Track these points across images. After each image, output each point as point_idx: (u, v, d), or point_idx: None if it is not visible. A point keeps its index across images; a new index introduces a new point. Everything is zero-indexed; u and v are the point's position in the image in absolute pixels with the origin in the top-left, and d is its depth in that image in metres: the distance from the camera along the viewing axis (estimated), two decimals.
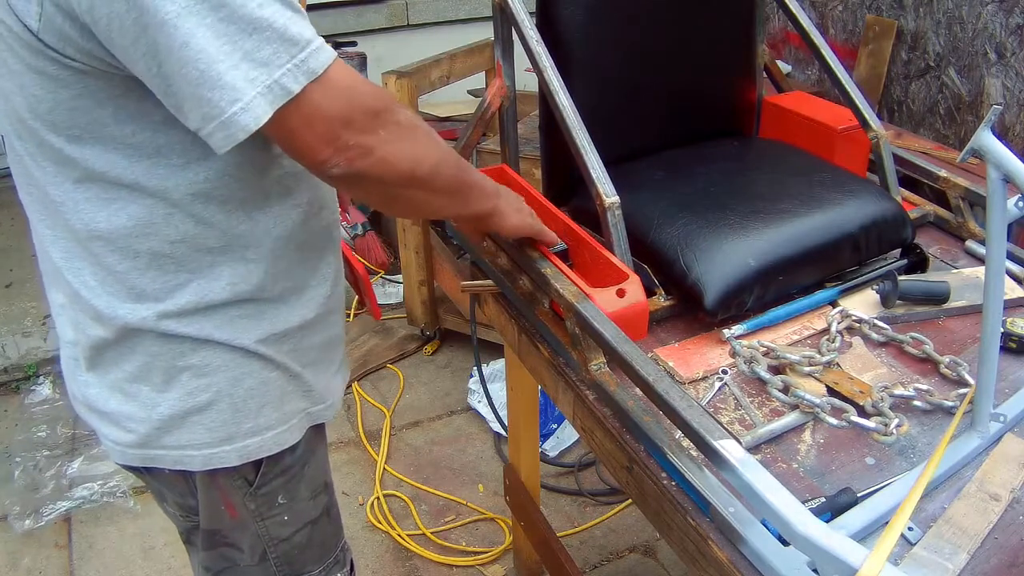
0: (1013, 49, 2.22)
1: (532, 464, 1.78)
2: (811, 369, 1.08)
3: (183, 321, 0.90)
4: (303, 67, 0.73)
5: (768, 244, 1.18)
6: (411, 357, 2.84)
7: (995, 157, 0.82)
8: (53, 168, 0.83)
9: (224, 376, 0.94)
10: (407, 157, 0.83)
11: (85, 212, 0.85)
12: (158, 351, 0.92)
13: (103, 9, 0.70)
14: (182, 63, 0.71)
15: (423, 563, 2.06)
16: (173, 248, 0.87)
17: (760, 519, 0.84)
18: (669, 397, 0.90)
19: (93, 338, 0.92)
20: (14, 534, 2.13)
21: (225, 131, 0.73)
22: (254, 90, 0.72)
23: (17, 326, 2.82)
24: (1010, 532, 0.87)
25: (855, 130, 1.43)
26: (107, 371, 0.94)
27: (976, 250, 1.36)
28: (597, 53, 1.37)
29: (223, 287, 0.90)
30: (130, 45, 0.72)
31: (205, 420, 0.95)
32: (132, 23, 0.70)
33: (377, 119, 0.80)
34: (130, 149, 0.82)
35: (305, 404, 1.03)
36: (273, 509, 1.04)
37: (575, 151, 1.19)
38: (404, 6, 3.71)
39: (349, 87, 0.77)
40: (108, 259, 0.87)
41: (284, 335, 0.97)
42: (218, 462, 0.97)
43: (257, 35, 0.71)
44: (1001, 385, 1.04)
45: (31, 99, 0.79)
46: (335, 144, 0.77)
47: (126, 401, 0.95)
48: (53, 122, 0.80)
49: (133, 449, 0.97)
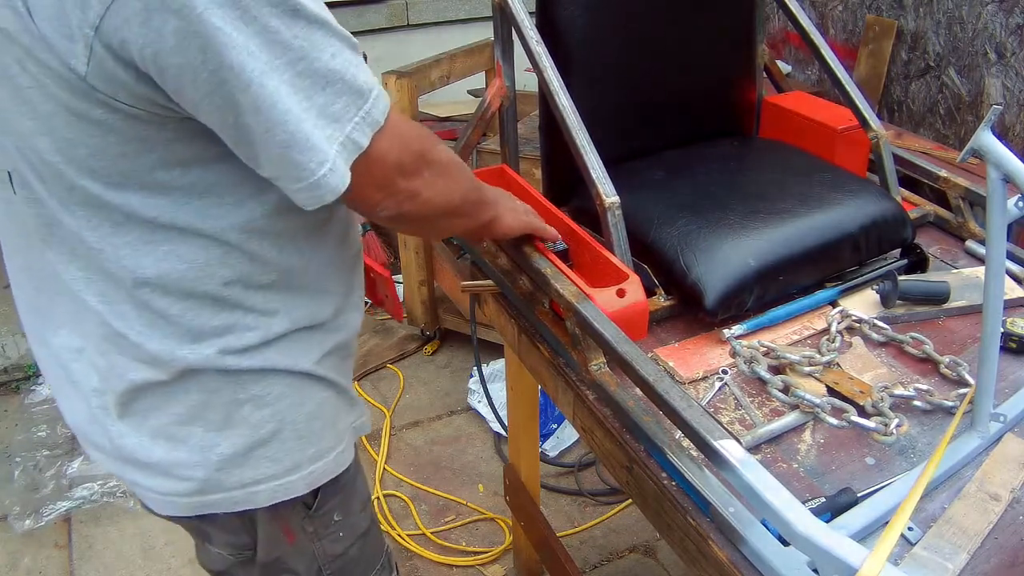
0: (1013, 49, 2.22)
1: (532, 464, 1.78)
2: (811, 369, 1.08)
3: (246, 355, 0.87)
4: (368, 119, 0.73)
5: (768, 244, 1.18)
6: (411, 357, 2.84)
7: (995, 157, 0.82)
8: (85, 212, 0.78)
9: (286, 403, 0.91)
10: (444, 193, 0.86)
11: (127, 258, 0.80)
12: (218, 386, 0.87)
13: (173, 59, 0.66)
14: (268, 124, 0.69)
15: (423, 563, 2.06)
16: (228, 289, 0.84)
17: (760, 519, 0.84)
18: (669, 397, 0.90)
19: (135, 382, 0.86)
20: (14, 534, 2.13)
21: (313, 192, 0.73)
22: (333, 148, 0.71)
23: (17, 326, 2.81)
24: (1010, 532, 0.87)
25: (855, 130, 1.43)
26: (147, 417, 0.88)
27: (976, 250, 1.36)
28: (597, 53, 1.37)
29: (280, 320, 0.88)
30: (202, 98, 0.69)
31: (270, 452, 0.91)
32: (208, 76, 0.67)
33: (422, 160, 0.81)
34: (178, 192, 0.78)
35: (351, 418, 1.02)
36: (329, 528, 1.02)
37: (575, 151, 1.19)
38: (404, 6, 3.71)
39: (401, 133, 0.78)
40: (158, 303, 0.82)
41: (332, 351, 0.96)
42: (285, 494, 0.94)
43: (330, 88, 0.71)
44: (1001, 385, 1.04)
45: (63, 143, 0.73)
46: (388, 189, 0.79)
47: (175, 447, 0.89)
48: (92, 168, 0.75)
49: (188, 498, 0.91)
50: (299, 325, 0.90)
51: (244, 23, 0.66)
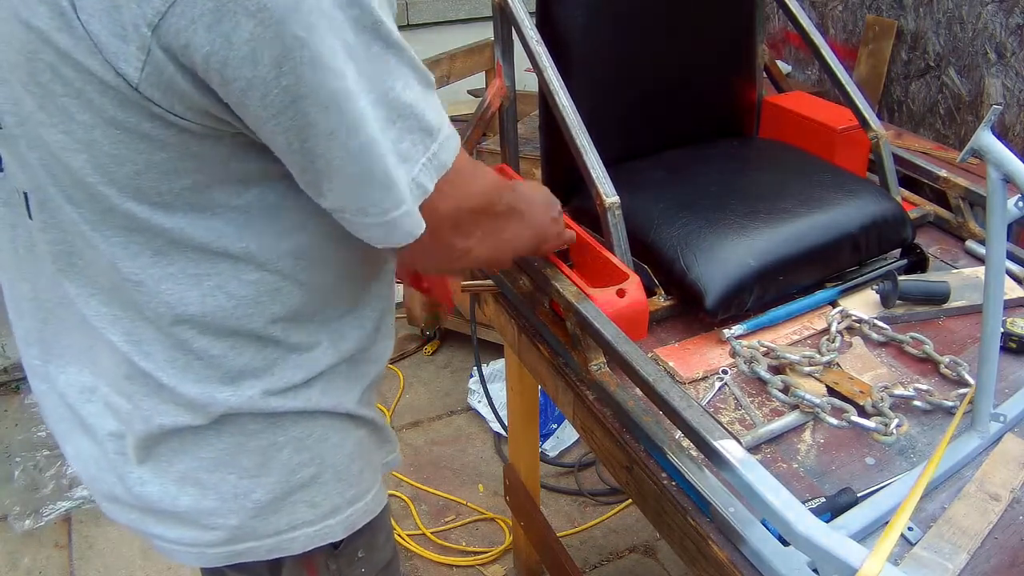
0: (1013, 49, 2.22)
1: (532, 464, 1.78)
2: (811, 369, 1.08)
3: (289, 395, 0.79)
4: (435, 161, 0.67)
5: (768, 244, 1.18)
6: (411, 357, 2.84)
7: (995, 157, 0.82)
8: (123, 239, 0.69)
9: (328, 445, 0.85)
10: (494, 250, 0.83)
11: (169, 292, 0.71)
12: (256, 429, 0.80)
13: (244, 71, 0.58)
14: (344, 153, 0.62)
15: (423, 563, 2.06)
16: (275, 326, 0.76)
17: (760, 519, 0.84)
18: (669, 397, 0.90)
19: (165, 427, 0.78)
20: (14, 534, 2.13)
21: (385, 231, 0.67)
22: (407, 190, 0.65)
23: None
24: (1010, 532, 0.87)
25: (855, 130, 1.43)
26: (171, 462, 0.79)
27: (976, 250, 1.36)
28: (597, 53, 1.37)
29: (323, 352, 0.81)
30: (271, 117, 0.61)
31: (308, 496, 0.84)
32: (280, 92, 0.59)
33: (481, 216, 0.77)
34: (234, 213, 0.69)
35: (383, 455, 0.97)
36: (353, 565, 0.95)
37: (575, 151, 1.19)
38: (404, 6, 3.71)
39: (465, 182, 0.73)
40: (197, 343, 0.74)
41: (370, 386, 0.89)
42: (321, 539, 0.87)
43: (401, 123, 0.64)
44: (1001, 385, 1.04)
45: (106, 159, 0.64)
46: (439, 241, 0.73)
47: (204, 495, 0.80)
48: (138, 187, 0.66)
49: (217, 548, 0.83)
50: (344, 356, 0.83)
51: (333, 35, 0.58)
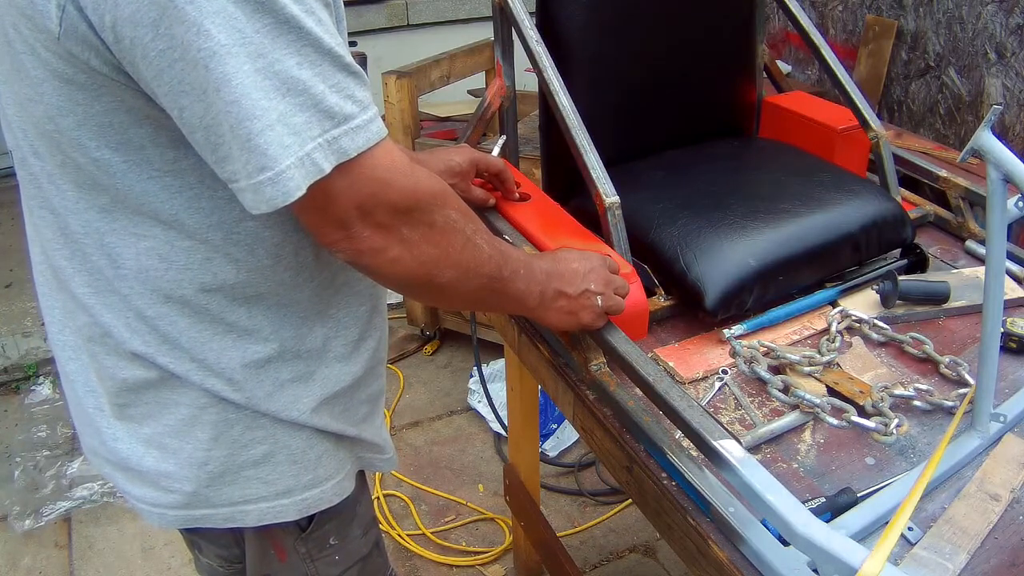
0: (1013, 49, 2.22)
1: (532, 464, 1.78)
2: (811, 369, 1.08)
3: (231, 385, 0.81)
4: (334, 145, 0.65)
5: (768, 244, 1.18)
6: (411, 357, 2.84)
7: (995, 157, 0.82)
8: (75, 194, 0.73)
9: (281, 427, 0.86)
10: (424, 263, 0.75)
11: (112, 247, 0.75)
12: (206, 403, 0.82)
13: (127, 31, 0.61)
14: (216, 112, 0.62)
15: (423, 563, 2.06)
16: (208, 297, 0.77)
17: (760, 519, 0.84)
18: (669, 397, 0.90)
19: (127, 381, 0.81)
20: (14, 534, 2.13)
21: (253, 194, 0.65)
22: (288, 159, 0.63)
23: (17, 326, 2.81)
24: (1010, 532, 0.87)
25: (855, 130, 1.43)
26: (141, 424, 0.83)
27: (976, 250, 1.36)
28: (597, 53, 1.37)
29: (265, 339, 0.81)
30: (153, 78, 0.63)
31: (261, 473, 0.86)
32: (158, 55, 0.61)
33: (402, 217, 0.72)
34: (170, 177, 0.71)
35: (358, 450, 0.98)
36: (324, 551, 0.97)
37: (575, 151, 1.19)
38: (404, 6, 3.71)
39: (381, 179, 0.69)
40: (137, 302, 0.77)
41: (335, 397, 0.89)
42: (274, 517, 0.89)
43: (292, 97, 0.63)
44: (1001, 385, 1.04)
45: (53, 110, 0.68)
46: (346, 231, 0.70)
47: (165, 458, 0.84)
48: (79, 139, 0.69)
49: (175, 511, 0.86)
50: (287, 351, 0.83)
51: (210, 3, 0.59)
